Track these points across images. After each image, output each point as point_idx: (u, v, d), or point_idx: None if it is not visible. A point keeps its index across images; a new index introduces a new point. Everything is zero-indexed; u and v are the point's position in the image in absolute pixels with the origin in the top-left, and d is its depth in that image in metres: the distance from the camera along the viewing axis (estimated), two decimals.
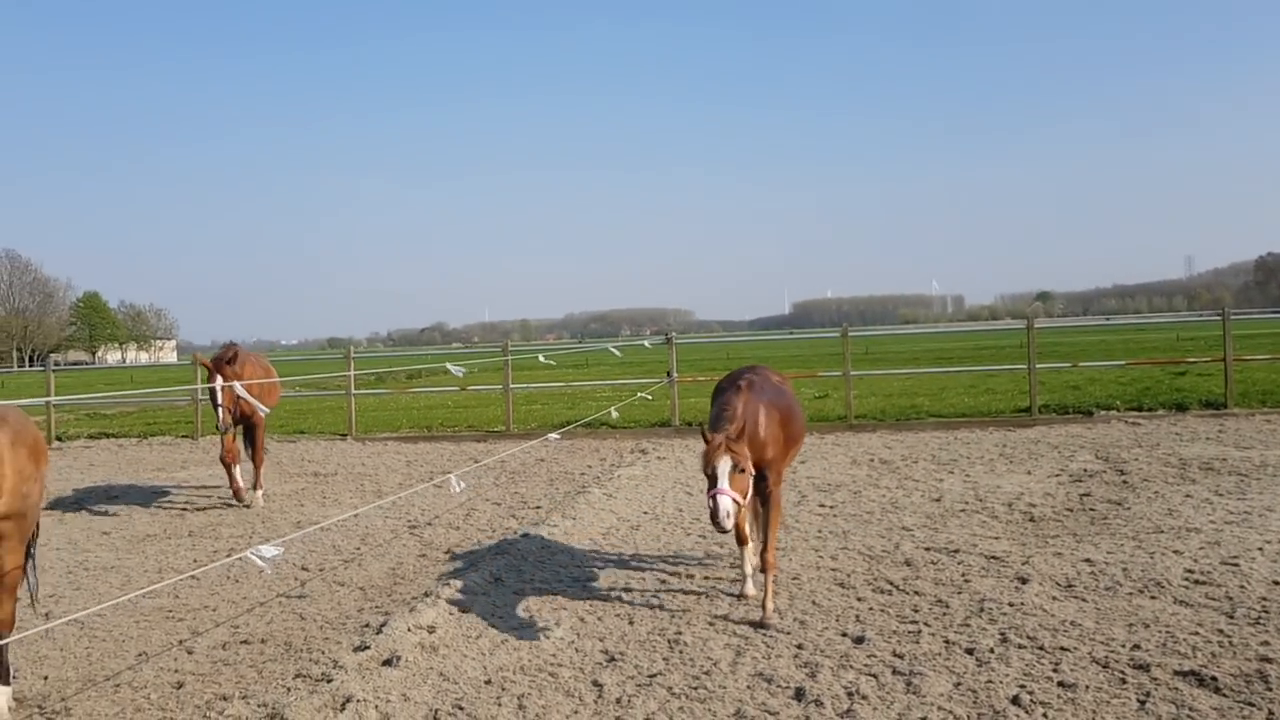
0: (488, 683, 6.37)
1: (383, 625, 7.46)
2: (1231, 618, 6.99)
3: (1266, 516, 10.01)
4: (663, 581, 8.68)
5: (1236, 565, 8.26)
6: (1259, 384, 22.30)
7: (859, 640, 6.90)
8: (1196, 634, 6.69)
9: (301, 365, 68.77)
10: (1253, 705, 5.46)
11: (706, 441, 7.06)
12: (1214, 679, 5.89)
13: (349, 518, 12.00)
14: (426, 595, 8.20)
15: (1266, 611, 7.04)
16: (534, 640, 7.15)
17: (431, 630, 7.30)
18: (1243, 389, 20.89)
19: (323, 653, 7.15)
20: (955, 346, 57.04)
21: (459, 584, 8.44)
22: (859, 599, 7.92)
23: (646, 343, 25.84)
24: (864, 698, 5.83)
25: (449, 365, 11.46)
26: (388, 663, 6.65)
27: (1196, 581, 7.91)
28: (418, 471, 16.24)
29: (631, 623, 7.54)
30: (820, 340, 64.15)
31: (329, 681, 6.33)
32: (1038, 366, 20.39)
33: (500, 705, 6.00)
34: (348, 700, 6.01)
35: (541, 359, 17.64)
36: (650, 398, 23.23)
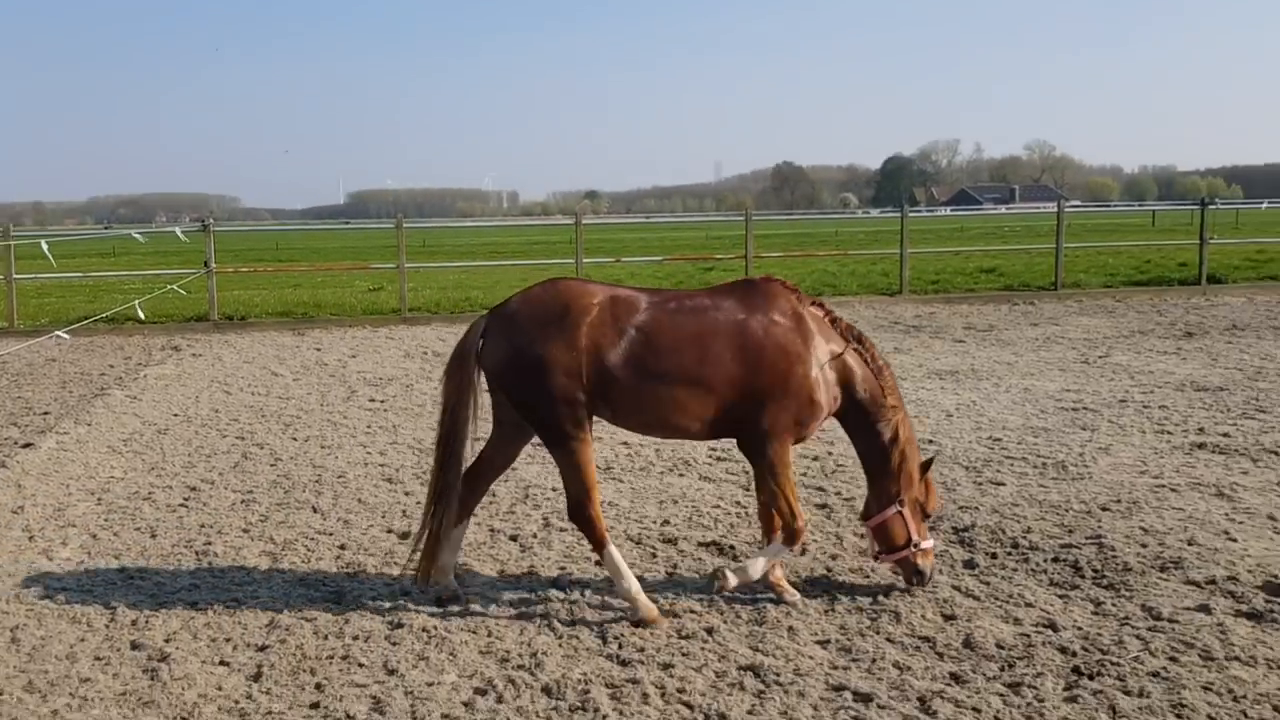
0: None
1: None
2: (747, 490, 7.65)
3: None
4: (193, 489, 7.97)
5: None
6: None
7: (405, 536, 6.75)
8: (718, 507, 7.25)
9: None
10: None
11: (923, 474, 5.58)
12: (732, 547, 6.40)
13: None
14: None
15: None
16: (33, 563, 6.26)
17: None
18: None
19: None
20: (509, 241, 58.19)
21: None
22: (407, 493, 7.76)
23: (179, 231, 23.67)
24: (406, 594, 5.70)
25: None
26: None
27: (719, 459, 8.59)
28: None
29: (154, 536, 6.83)
30: (375, 232, 62.62)
31: None
32: (585, 261, 21.22)
33: None
34: None
35: (44, 247, 15.45)
36: (184, 294, 21.34)
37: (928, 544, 5.53)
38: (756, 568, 5.38)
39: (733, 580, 5.33)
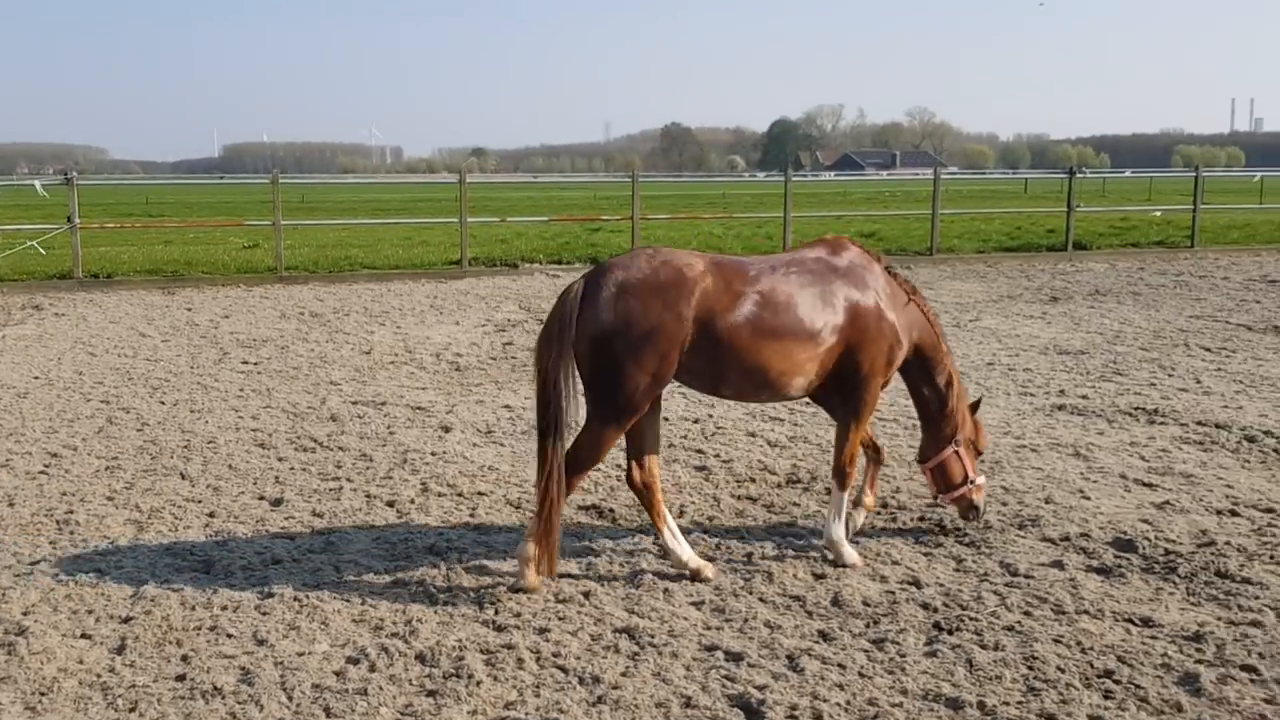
0: None
1: None
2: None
3: None
4: (54, 455, 7.66)
5: None
6: (661, 240, 24.89)
7: (277, 502, 6.61)
8: (599, 470, 7.27)
9: None
10: (642, 532, 6.06)
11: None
12: (611, 510, 6.46)
13: None
14: None
15: (671, 445, 7.86)
16: None
17: None
18: (646, 244, 23.21)
19: None
20: (392, 198, 56.95)
21: None
22: (280, 459, 7.60)
23: (39, 184, 22.57)
24: (278, 562, 5.59)
25: None
26: None
27: None
28: None
29: (12, 504, 6.56)
30: (251, 186, 60.48)
31: None
32: (469, 220, 20.94)
33: None
34: None
35: None
36: (44, 251, 20.35)
37: (981, 480, 5.86)
38: (835, 530, 5.55)
39: (847, 558, 5.52)
